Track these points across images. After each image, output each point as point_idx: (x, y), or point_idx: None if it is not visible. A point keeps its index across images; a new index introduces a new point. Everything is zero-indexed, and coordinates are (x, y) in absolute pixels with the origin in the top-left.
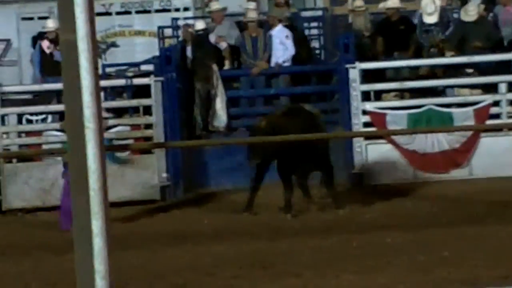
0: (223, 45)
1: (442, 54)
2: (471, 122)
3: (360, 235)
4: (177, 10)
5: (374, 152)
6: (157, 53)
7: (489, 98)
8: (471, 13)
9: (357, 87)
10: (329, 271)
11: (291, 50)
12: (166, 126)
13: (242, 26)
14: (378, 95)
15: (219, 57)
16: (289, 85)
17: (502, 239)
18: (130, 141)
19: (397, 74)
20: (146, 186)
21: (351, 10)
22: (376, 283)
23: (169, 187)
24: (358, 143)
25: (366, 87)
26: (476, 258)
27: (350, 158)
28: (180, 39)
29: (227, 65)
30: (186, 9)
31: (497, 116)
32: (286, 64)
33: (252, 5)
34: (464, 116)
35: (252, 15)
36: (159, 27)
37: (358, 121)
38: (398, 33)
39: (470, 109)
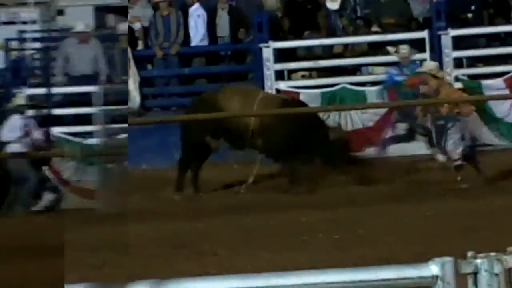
0: (137, 25)
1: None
2: (384, 101)
3: (277, 214)
4: (25, 23)
5: None
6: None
7: None
8: None
9: (270, 66)
10: (246, 250)
11: (201, 30)
12: None
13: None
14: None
15: (132, 37)
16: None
17: (416, 217)
18: None
19: (309, 53)
20: None
21: None
22: (293, 262)
23: None
24: None
25: (280, 66)
26: (392, 236)
27: None
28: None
29: (140, 45)
30: (33, 22)
31: None
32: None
33: None
34: (377, 95)
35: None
36: (6, 40)
37: None
38: (306, 13)
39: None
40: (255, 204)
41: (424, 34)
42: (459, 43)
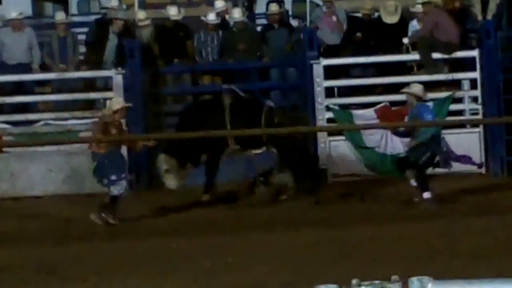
0: None
1: None
2: None
3: (146, 240)
4: None
5: None
6: None
7: None
8: (236, 15)
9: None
10: (116, 276)
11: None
12: None
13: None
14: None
15: None
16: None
17: (286, 245)
18: None
19: (177, 79)
20: None
21: (134, 23)
22: None
23: None
24: None
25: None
26: (262, 264)
27: None
28: None
29: None
30: None
31: None
32: None
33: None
34: None
35: (61, 16)
36: None
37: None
38: (177, 40)
39: None
40: (124, 230)
41: None
42: (331, 72)
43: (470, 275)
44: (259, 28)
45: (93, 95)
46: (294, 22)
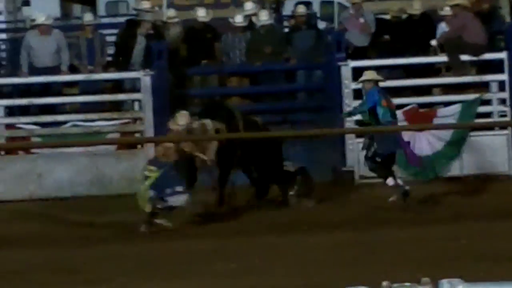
0: None
1: None
2: None
3: (169, 242)
4: None
5: None
6: None
7: None
8: (263, 17)
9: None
10: (140, 277)
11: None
12: None
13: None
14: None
15: None
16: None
17: (300, 248)
18: None
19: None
20: None
21: (163, 22)
22: None
23: None
24: None
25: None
26: (281, 267)
27: None
28: None
29: None
30: None
31: None
32: None
33: None
34: None
35: (89, 18)
36: None
37: None
38: (204, 41)
39: None
40: (145, 232)
41: None
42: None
43: (494, 278)
44: (286, 30)
45: (120, 97)
46: (322, 24)
